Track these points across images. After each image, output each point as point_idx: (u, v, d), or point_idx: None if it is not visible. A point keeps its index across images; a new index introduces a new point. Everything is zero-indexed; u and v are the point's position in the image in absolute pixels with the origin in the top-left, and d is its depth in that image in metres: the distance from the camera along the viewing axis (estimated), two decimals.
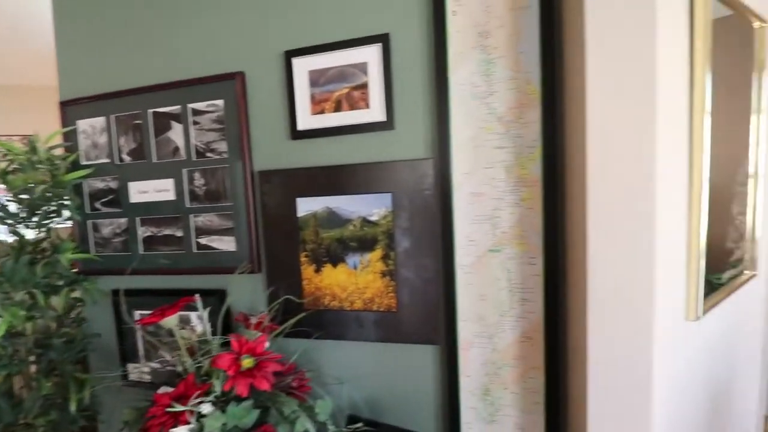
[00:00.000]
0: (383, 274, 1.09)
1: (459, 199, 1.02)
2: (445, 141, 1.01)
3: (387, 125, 1.07)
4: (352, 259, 1.12)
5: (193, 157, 1.26)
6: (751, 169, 1.48)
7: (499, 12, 0.95)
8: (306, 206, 1.14)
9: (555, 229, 0.95)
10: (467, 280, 1.03)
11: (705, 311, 1.15)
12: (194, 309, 1.07)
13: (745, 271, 1.52)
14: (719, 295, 1.32)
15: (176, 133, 1.28)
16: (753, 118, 1.46)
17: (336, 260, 1.13)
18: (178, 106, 1.26)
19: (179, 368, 1.09)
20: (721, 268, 1.34)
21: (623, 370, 0.83)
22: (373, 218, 1.09)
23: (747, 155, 1.46)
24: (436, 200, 1.04)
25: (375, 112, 1.07)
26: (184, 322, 1.25)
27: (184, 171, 1.27)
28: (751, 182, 1.48)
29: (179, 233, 1.29)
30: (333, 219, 1.12)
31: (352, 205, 1.11)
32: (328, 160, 1.14)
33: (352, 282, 1.12)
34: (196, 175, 1.26)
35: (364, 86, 1.08)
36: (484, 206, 1.00)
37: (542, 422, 1.00)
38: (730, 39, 1.39)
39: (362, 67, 1.08)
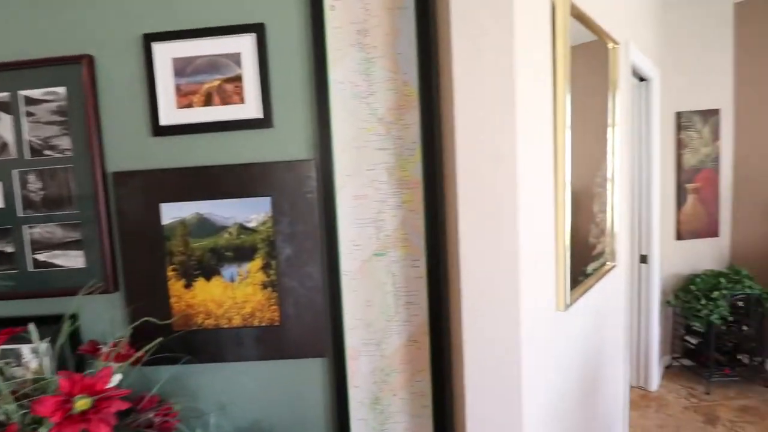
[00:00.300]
0: (264, 286, 1.00)
1: (342, 202, 0.97)
2: (327, 141, 0.96)
3: (264, 122, 0.98)
4: (229, 270, 1.00)
5: (27, 156, 1.04)
6: (608, 174, 1.69)
7: (376, 11, 0.94)
8: (172, 213, 1.00)
9: (436, 230, 0.96)
10: (352, 286, 0.98)
11: (573, 301, 1.27)
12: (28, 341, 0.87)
13: (607, 263, 1.73)
14: (586, 284, 1.47)
15: (4, 125, 1.04)
16: (609, 131, 1.68)
17: (210, 273, 1.01)
18: (6, 94, 1.03)
19: (1, 417, 0.87)
20: (587, 262, 1.49)
21: (495, 366, 0.86)
22: (251, 224, 1.00)
23: (605, 161, 1.67)
24: (319, 203, 0.98)
25: (250, 108, 0.98)
26: (14, 358, 1.01)
27: (15, 172, 1.04)
28: (609, 185, 1.69)
29: (9, 249, 1.05)
30: (205, 226, 1.00)
31: (227, 211, 1.00)
32: (198, 160, 1.01)
33: (229, 296, 1.01)
34: (31, 177, 1.04)
35: (237, 79, 0.98)
36: (367, 209, 0.97)
37: (430, 425, 1.00)
38: (593, 61, 1.58)
39: (235, 58, 0.98)
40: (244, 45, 0.97)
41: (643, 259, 2.57)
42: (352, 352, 1.00)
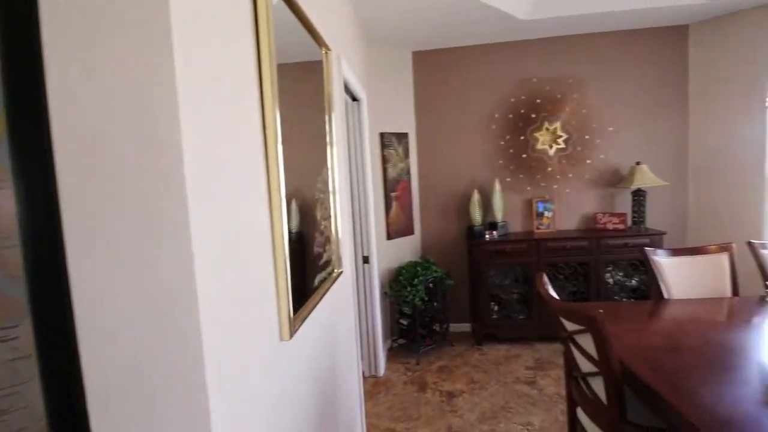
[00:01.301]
0: None
1: None
2: None
3: None
4: None
5: None
6: (330, 186, 1.69)
7: None
8: None
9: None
10: None
11: (297, 328, 1.13)
12: None
13: (335, 270, 1.73)
14: (314, 299, 1.37)
15: None
16: (328, 149, 1.68)
17: None
18: None
19: None
20: (314, 274, 1.40)
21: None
22: None
23: (328, 175, 1.66)
24: None
25: None
26: None
27: None
28: (331, 197, 1.69)
29: None
30: None
31: None
32: None
33: None
34: None
35: None
36: None
37: None
38: (310, 77, 1.52)
39: None
40: None
41: (366, 259, 2.86)
42: None
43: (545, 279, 1.63)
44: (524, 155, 3.45)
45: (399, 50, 3.38)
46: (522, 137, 3.45)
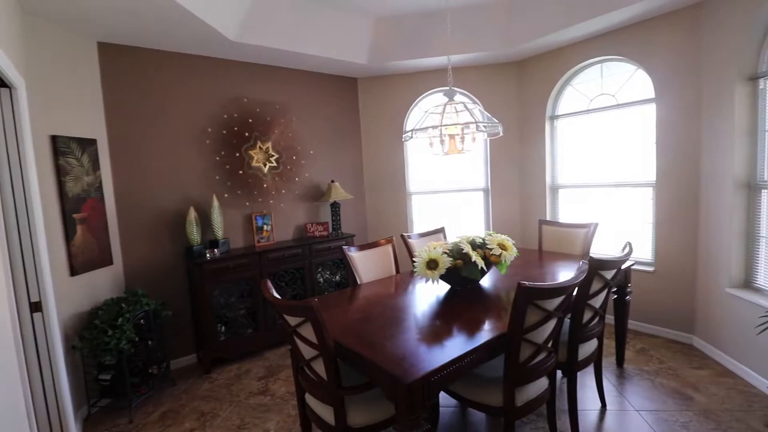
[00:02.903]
0: None
1: None
2: None
3: None
4: None
5: None
6: None
7: None
8: None
9: None
10: None
11: None
12: None
13: None
14: None
15: None
16: None
17: None
18: None
19: None
20: None
21: None
22: None
23: None
24: None
25: None
26: None
27: None
28: None
29: None
30: None
31: None
32: None
33: None
34: None
35: None
36: None
37: None
38: None
39: None
40: None
41: (36, 307, 2.11)
42: None
43: (269, 284, 1.75)
44: (241, 171, 3.52)
45: (79, 36, 2.70)
46: (237, 154, 3.51)
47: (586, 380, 2.62)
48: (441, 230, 3.45)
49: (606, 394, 2.46)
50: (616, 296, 2.80)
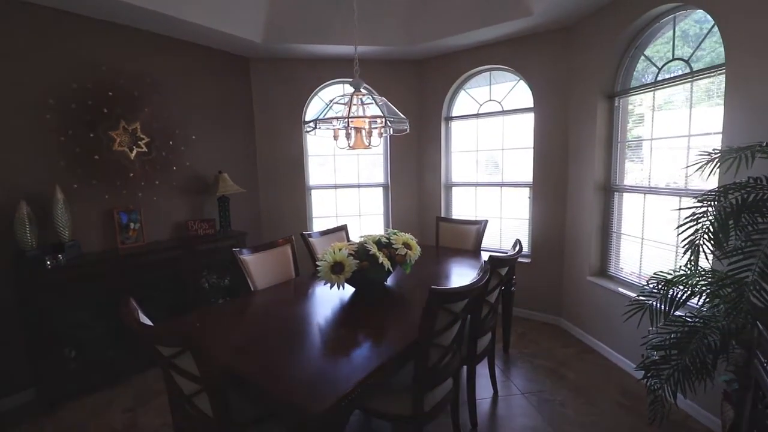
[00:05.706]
0: None
1: None
2: None
3: None
4: None
5: None
6: None
7: None
8: None
9: None
10: None
11: None
12: None
13: None
14: None
15: None
16: None
17: None
18: None
19: None
20: None
21: None
22: None
23: None
24: None
25: None
26: None
27: None
28: None
29: None
30: None
31: None
32: None
33: None
34: None
35: None
36: None
37: None
38: None
39: None
40: None
41: None
42: None
43: (133, 305, 1.38)
44: (97, 156, 2.83)
45: None
46: (92, 134, 2.80)
47: (479, 369, 2.78)
48: (343, 228, 3.31)
49: (497, 380, 2.65)
50: (503, 287, 3.03)
